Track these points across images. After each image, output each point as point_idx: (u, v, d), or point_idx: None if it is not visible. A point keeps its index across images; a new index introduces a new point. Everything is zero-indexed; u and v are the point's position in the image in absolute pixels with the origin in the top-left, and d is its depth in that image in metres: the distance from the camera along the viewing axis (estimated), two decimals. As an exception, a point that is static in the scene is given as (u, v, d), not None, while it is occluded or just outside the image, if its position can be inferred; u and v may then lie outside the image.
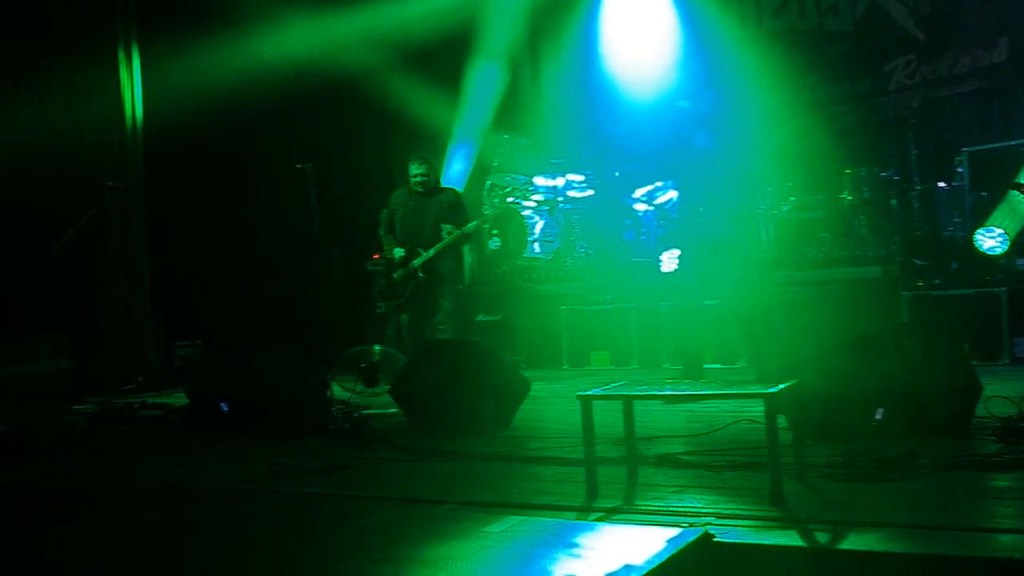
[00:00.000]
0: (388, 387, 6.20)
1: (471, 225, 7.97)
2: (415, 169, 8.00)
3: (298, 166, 8.06)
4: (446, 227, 7.84)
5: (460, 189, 9.73)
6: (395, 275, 7.97)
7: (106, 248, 9.60)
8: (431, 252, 7.85)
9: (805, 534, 3.04)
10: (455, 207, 8.03)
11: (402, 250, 7.95)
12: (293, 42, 10.25)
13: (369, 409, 6.41)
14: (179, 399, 7.13)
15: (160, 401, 7.49)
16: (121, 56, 9.87)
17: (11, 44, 9.38)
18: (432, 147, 10.65)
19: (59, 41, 9.74)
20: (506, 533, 3.20)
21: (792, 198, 9.37)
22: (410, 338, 7.97)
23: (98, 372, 9.15)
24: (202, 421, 6.14)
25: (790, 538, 3.03)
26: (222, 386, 6.16)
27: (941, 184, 9.06)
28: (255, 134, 10.61)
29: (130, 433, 6.41)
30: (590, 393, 3.81)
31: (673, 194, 9.60)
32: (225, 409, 6.03)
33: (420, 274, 7.87)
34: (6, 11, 9.38)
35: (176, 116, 9.54)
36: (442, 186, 8.29)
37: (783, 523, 3.17)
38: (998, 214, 8.35)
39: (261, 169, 10.54)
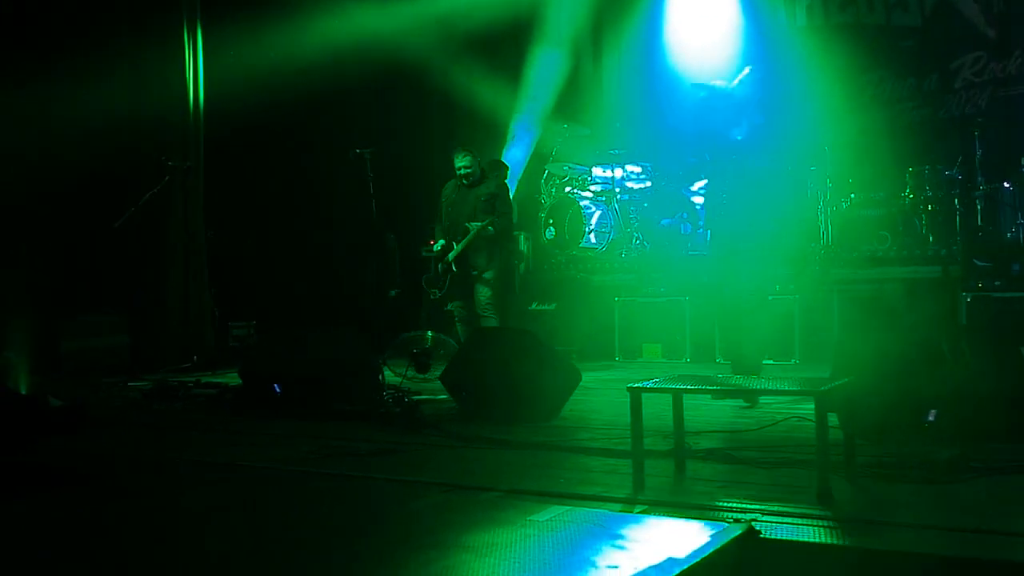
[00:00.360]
0: (439, 373, 6.25)
1: (476, 225, 7.96)
2: (458, 162, 8.11)
3: (357, 151, 8.15)
4: (473, 224, 7.92)
5: (517, 177, 9.77)
6: (439, 266, 8.14)
7: (167, 227, 9.74)
8: (459, 247, 7.99)
9: (850, 533, 3.02)
10: (493, 199, 8.09)
11: (442, 242, 8.12)
12: (355, 26, 10.28)
13: (420, 395, 6.48)
14: (233, 379, 7.21)
15: (214, 380, 7.63)
16: (186, 36, 9.96)
17: (78, 24, 9.54)
18: (491, 135, 10.74)
19: (125, 21, 9.87)
20: (551, 522, 3.21)
21: (852, 195, 9.25)
22: (463, 330, 8.09)
23: (155, 350, 9.31)
24: (254, 401, 6.20)
25: (834, 536, 3.01)
26: (275, 367, 6.22)
27: (1006, 184, 8.89)
28: (315, 118, 10.71)
29: (183, 411, 6.50)
30: (640, 385, 3.81)
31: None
32: (278, 390, 6.09)
33: (454, 268, 8.04)
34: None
35: (238, 98, 9.61)
36: (488, 177, 8.32)
37: (829, 521, 3.15)
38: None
39: (321, 153, 10.63)
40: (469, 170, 8.09)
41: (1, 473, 4.34)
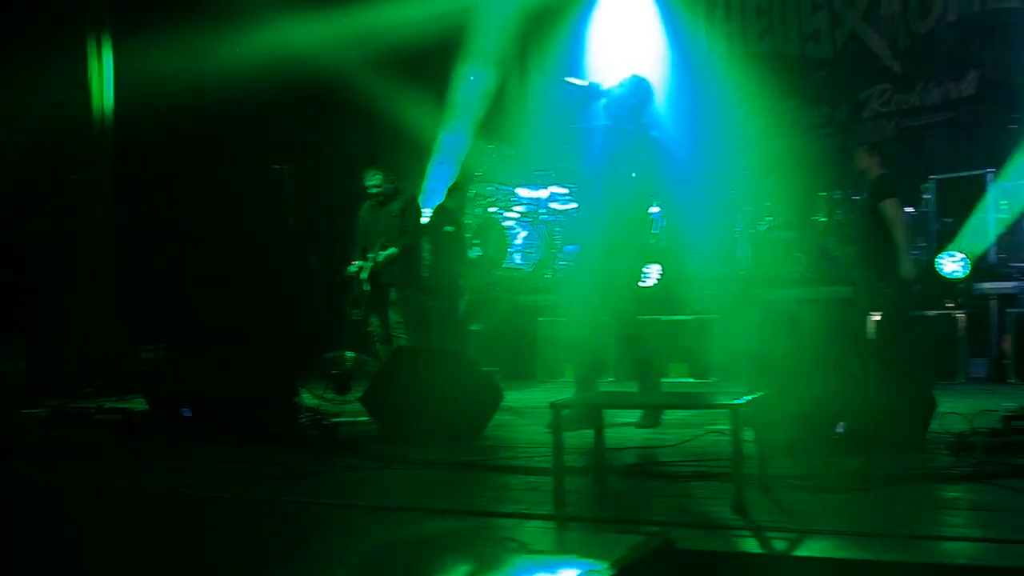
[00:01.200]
0: (360, 395, 6.18)
1: (381, 255, 8.03)
2: (368, 180, 8.15)
3: (276, 167, 8.05)
4: (383, 251, 7.96)
5: (442, 198, 9.80)
6: (354, 287, 8.15)
7: (71, 245, 9.33)
8: (370, 266, 8.03)
9: (764, 541, 3.09)
10: (403, 214, 8.15)
11: (359, 262, 8.13)
12: (278, 39, 10.12)
13: (339, 417, 6.32)
14: (140, 404, 6.83)
15: (119, 406, 7.20)
16: (92, 48, 9.62)
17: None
18: (415, 154, 10.71)
19: (28, 30, 9.41)
20: (470, 541, 3.23)
21: (770, 218, 9.50)
22: (379, 346, 8.10)
23: (55, 374, 8.82)
24: (163, 426, 5.91)
25: (750, 545, 3.08)
26: (186, 390, 5.94)
27: (909, 209, 9.21)
28: (233, 132, 10.42)
29: (85, 438, 6.14)
30: (561, 401, 3.86)
31: (655, 209, 9.69)
32: (187, 414, 5.84)
33: (366, 287, 8.05)
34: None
35: (150, 111, 9.33)
36: (399, 192, 8.32)
37: (744, 531, 3.22)
38: (961, 239, 8.58)
39: (238, 169, 10.38)
40: (379, 188, 8.12)
41: None
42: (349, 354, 7.96)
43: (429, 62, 10.94)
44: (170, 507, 4.05)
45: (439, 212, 9.46)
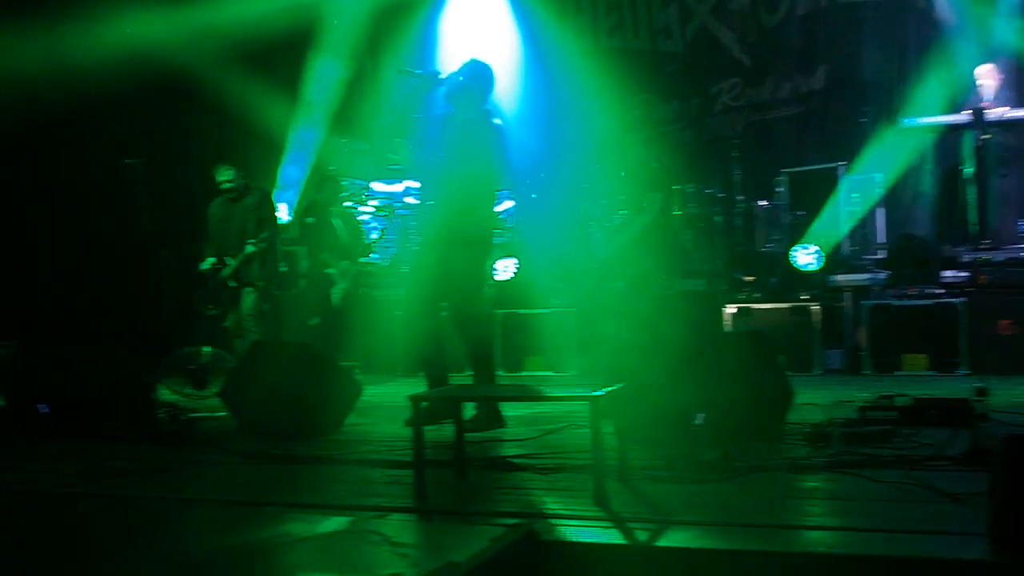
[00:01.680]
0: (217, 390, 6.05)
1: (264, 235, 8.08)
2: (220, 176, 8.15)
3: (128, 161, 7.85)
4: (249, 244, 7.96)
5: (297, 193, 9.66)
6: (208, 284, 8.11)
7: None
8: (234, 262, 8.02)
9: (626, 532, 3.14)
10: (259, 208, 8.19)
11: (212, 259, 8.10)
12: (128, 32, 9.83)
13: (197, 412, 6.26)
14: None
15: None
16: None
17: None
18: (268, 149, 10.52)
19: None
20: (331, 535, 3.19)
21: (623, 212, 9.65)
22: (237, 342, 8.05)
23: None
24: (19, 423, 5.78)
25: (612, 536, 3.12)
26: (41, 386, 5.84)
27: (762, 202, 9.52)
28: (85, 127, 10.13)
29: None
30: (421, 394, 3.84)
31: (509, 204, 9.75)
32: (44, 410, 5.72)
33: (230, 283, 8.06)
34: None
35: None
36: (251, 188, 8.32)
37: (605, 522, 3.26)
38: (814, 232, 8.88)
39: (92, 162, 10.06)
40: (231, 184, 8.12)
41: None
42: (206, 349, 7.82)
43: (280, 56, 10.76)
44: (27, 502, 3.99)
45: (310, 205, 9.46)
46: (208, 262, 8.12)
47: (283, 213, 10.51)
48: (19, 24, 9.11)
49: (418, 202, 6.34)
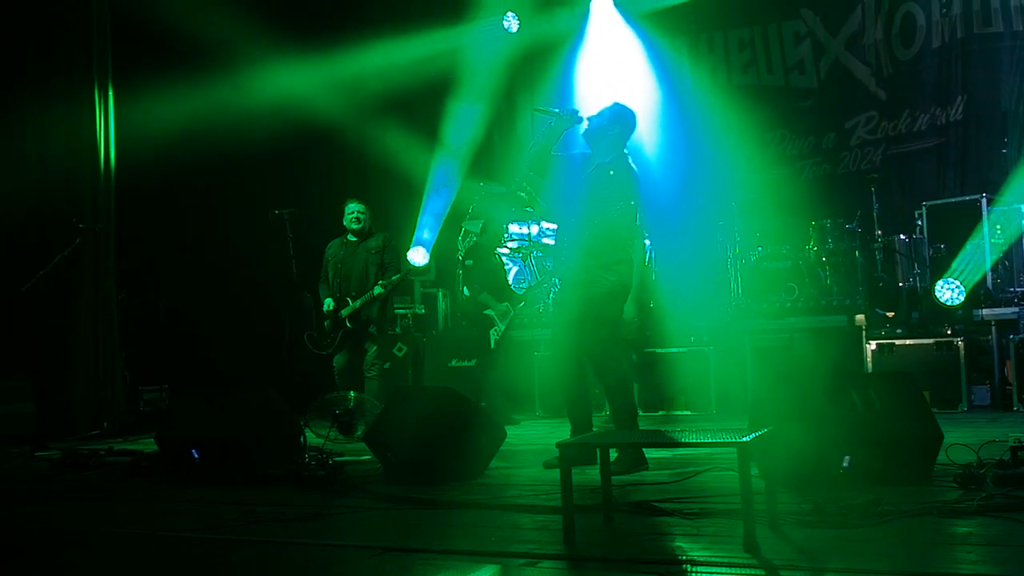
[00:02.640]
0: (362, 434, 6.18)
1: (395, 278, 8.21)
2: (352, 207, 8.25)
3: (276, 211, 8.16)
4: (378, 286, 8.08)
5: (435, 235, 9.88)
6: (325, 324, 8.24)
7: (76, 290, 9.52)
8: (357, 303, 8.11)
9: (778, 580, 3.12)
10: (382, 251, 8.26)
11: (332, 301, 8.19)
12: (275, 87, 10.30)
13: (343, 456, 6.39)
14: (147, 445, 7.00)
15: (127, 447, 7.38)
16: (96, 97, 9.80)
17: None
18: (407, 193, 10.82)
19: (33, 79, 9.75)
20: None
21: (760, 248, 9.57)
22: (342, 384, 8.15)
23: (63, 417, 9.01)
24: (173, 467, 6.01)
25: (764, 584, 3.11)
26: (193, 431, 6.03)
27: (902, 236, 9.31)
28: (234, 178, 10.65)
29: (97, 480, 6.23)
30: (570, 441, 3.89)
31: (645, 242, 9.75)
32: (196, 456, 5.92)
33: (348, 324, 8.15)
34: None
35: (150, 157, 9.53)
36: (374, 231, 8.45)
37: (757, 569, 3.25)
38: (956, 266, 8.63)
39: (239, 213, 10.55)
40: (363, 215, 8.23)
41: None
42: (352, 394, 8.01)
43: (421, 102, 11.08)
44: (185, 550, 4.09)
45: (472, 247, 9.65)
46: (328, 303, 8.24)
47: (420, 257, 10.77)
48: (171, 81, 9.66)
49: (555, 243, 6.36)
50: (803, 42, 11.47)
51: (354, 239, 8.29)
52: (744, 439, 3.58)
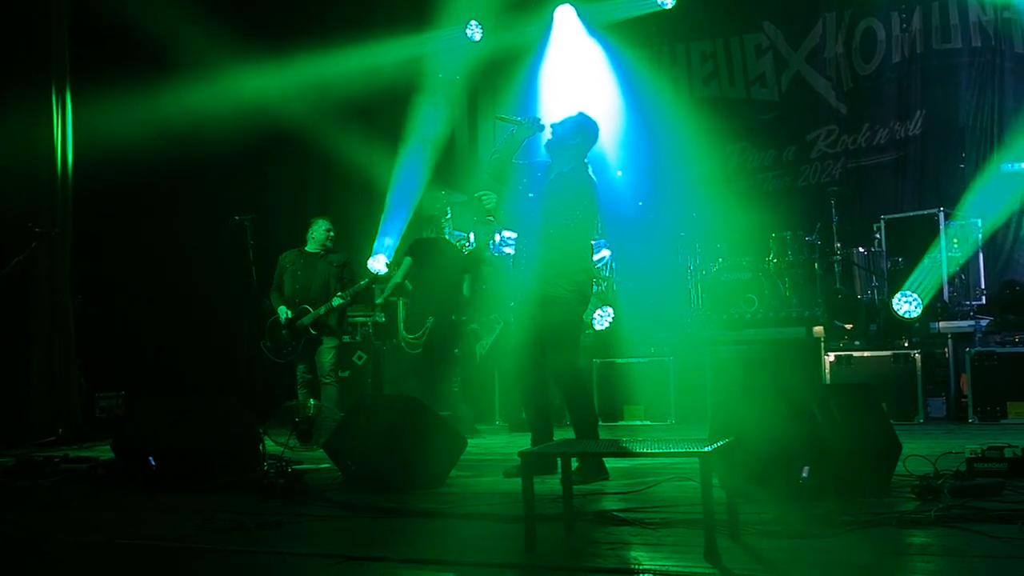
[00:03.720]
0: (322, 442, 6.16)
1: (360, 284, 8.50)
2: (325, 224, 8.51)
3: (237, 217, 8.12)
4: (338, 292, 8.33)
5: (397, 242, 9.89)
6: (284, 332, 8.34)
7: (31, 293, 9.37)
8: (321, 310, 8.28)
9: (739, 590, 3.13)
10: (342, 265, 8.56)
11: (287, 309, 8.34)
12: (235, 90, 10.23)
13: (303, 464, 6.36)
14: (103, 452, 6.91)
15: (84, 455, 7.25)
16: (54, 99, 9.66)
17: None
18: (369, 201, 10.78)
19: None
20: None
21: (720, 259, 9.65)
22: (304, 392, 8.28)
23: (16, 423, 8.85)
24: (129, 475, 5.96)
25: (725, 594, 3.12)
26: (151, 439, 5.95)
27: (860, 249, 9.42)
28: (195, 183, 10.55)
29: (52, 487, 6.10)
30: (530, 450, 3.88)
31: (606, 252, 9.81)
32: (153, 463, 5.86)
33: (312, 331, 8.30)
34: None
35: (108, 161, 9.37)
36: (335, 248, 8.70)
37: (718, 579, 3.26)
38: (914, 279, 8.75)
39: (199, 218, 10.45)
40: (328, 240, 8.50)
41: None
42: (312, 401, 7.98)
43: (384, 108, 11.05)
44: (145, 558, 4.06)
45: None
46: (283, 310, 8.35)
47: (380, 264, 10.71)
48: (129, 84, 9.55)
49: (514, 252, 6.37)
50: (765, 55, 11.57)
51: (316, 251, 8.49)
52: (706, 449, 3.60)
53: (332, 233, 8.53)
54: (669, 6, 11.29)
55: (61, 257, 9.56)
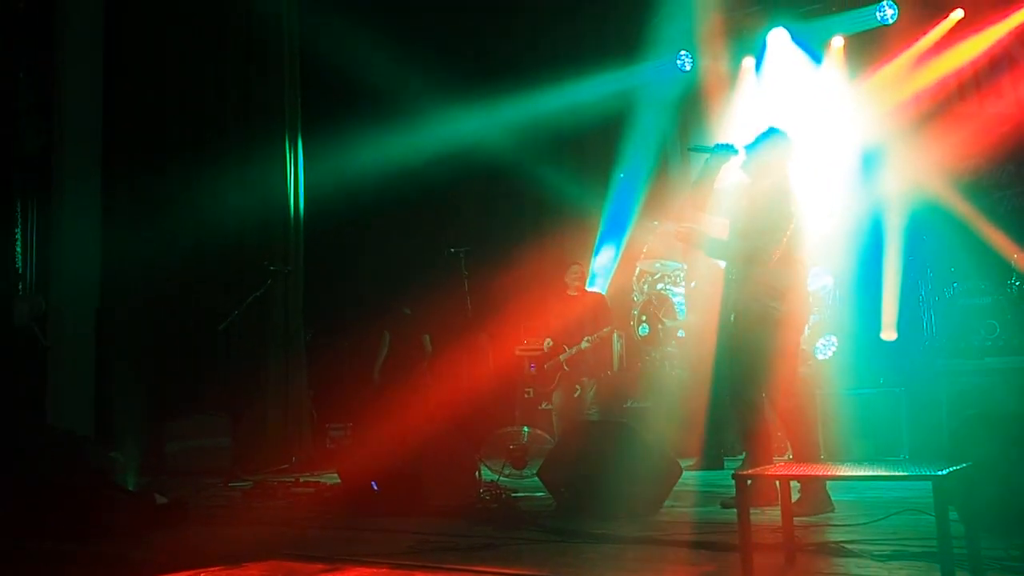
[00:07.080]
0: (536, 469, 6.18)
1: (603, 331, 8.86)
2: (574, 274, 9.08)
3: (452, 250, 8.29)
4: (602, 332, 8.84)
5: (609, 275, 9.89)
6: (546, 365, 8.84)
7: (267, 330, 9.94)
8: (573, 350, 8.70)
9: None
10: (597, 309, 9.00)
11: (551, 341, 8.81)
12: (449, 130, 10.54)
13: (517, 492, 6.41)
14: (331, 478, 7.27)
15: (313, 480, 7.67)
16: (287, 147, 10.29)
17: (191, 138, 10.03)
18: (581, 233, 10.82)
19: (233, 135, 10.35)
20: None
21: (955, 284, 9.04)
22: (558, 422, 8.19)
23: (255, 451, 9.39)
24: (353, 498, 6.21)
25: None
26: (373, 465, 6.16)
27: None
28: (411, 220, 10.91)
29: (283, 508, 6.52)
30: (746, 471, 3.71)
31: (828, 280, 9.39)
32: (375, 487, 6.08)
33: (566, 367, 8.71)
34: (189, 109, 10.20)
35: (337, 201, 9.94)
36: (587, 289, 9.28)
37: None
38: None
39: (416, 253, 10.78)
40: (583, 280, 9.10)
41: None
42: (525, 429, 8.03)
43: (592, 145, 11.10)
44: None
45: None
46: (547, 343, 8.83)
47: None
48: (355, 130, 10.04)
49: (725, 277, 6.17)
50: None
51: (574, 294, 9.01)
52: (941, 472, 3.31)
53: (582, 276, 9.16)
54: (891, 22, 10.78)
55: (295, 293, 10.09)
